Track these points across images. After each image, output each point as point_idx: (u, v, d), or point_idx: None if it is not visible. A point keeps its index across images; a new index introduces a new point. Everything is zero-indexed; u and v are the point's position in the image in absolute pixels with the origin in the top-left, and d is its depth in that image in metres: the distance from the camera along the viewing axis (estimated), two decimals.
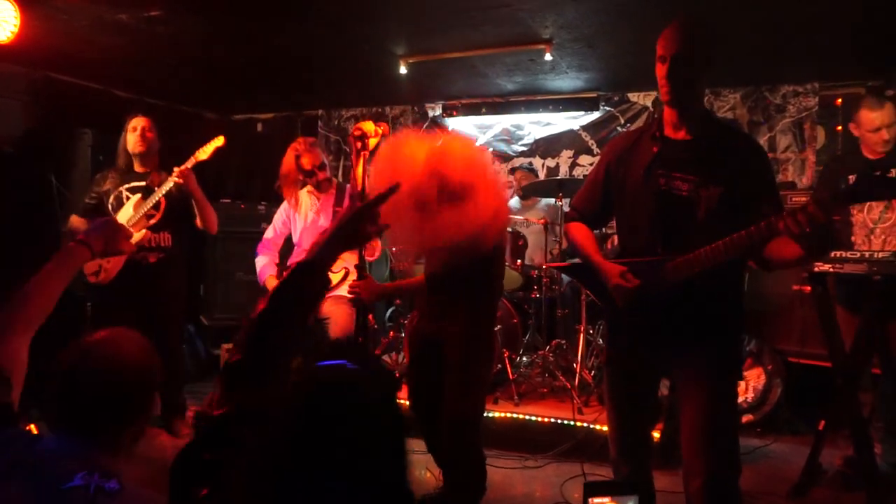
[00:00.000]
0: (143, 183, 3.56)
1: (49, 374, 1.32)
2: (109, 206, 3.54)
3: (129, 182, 3.57)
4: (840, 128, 3.19)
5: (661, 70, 1.97)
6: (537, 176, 5.62)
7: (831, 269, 2.81)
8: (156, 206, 3.49)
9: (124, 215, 3.47)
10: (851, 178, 3.13)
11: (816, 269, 2.85)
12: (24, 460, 1.21)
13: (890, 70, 4.65)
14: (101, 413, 1.31)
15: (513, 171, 5.65)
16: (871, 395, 3.18)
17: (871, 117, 3.06)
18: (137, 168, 3.60)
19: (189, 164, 3.44)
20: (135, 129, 3.55)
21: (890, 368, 3.13)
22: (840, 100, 3.12)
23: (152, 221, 3.50)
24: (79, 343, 1.35)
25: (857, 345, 2.96)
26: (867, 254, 2.77)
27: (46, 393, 1.32)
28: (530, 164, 5.83)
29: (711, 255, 1.89)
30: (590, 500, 1.28)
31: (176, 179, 3.40)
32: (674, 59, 1.92)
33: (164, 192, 3.45)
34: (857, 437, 2.91)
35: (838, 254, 2.78)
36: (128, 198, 3.54)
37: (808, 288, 3.90)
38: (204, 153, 3.50)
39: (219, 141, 3.54)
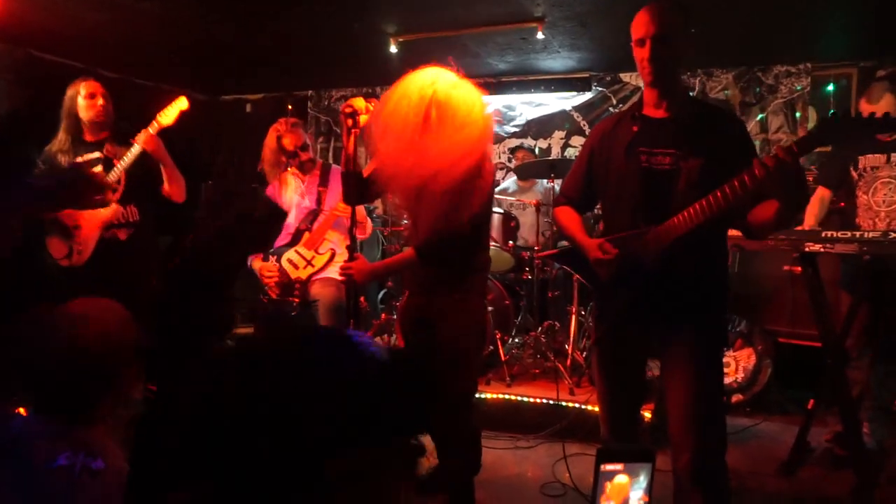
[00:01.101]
0: (98, 154, 3.29)
1: (17, 351, 1.28)
2: None
3: (82, 154, 3.29)
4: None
5: (640, 53, 1.99)
6: (536, 157, 5.60)
7: (822, 249, 2.81)
8: (117, 181, 3.24)
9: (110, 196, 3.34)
10: (861, 158, 3.13)
11: (807, 248, 2.84)
12: (2, 442, 1.18)
13: (882, 51, 4.64)
14: (70, 387, 1.26)
15: (514, 150, 5.62)
16: (862, 374, 3.21)
17: (870, 109, 3.07)
18: (88, 137, 3.32)
19: (152, 129, 3.20)
20: (93, 96, 3.28)
21: (882, 349, 3.15)
22: (864, 99, 3.09)
23: (116, 196, 3.26)
24: (40, 317, 1.30)
25: (846, 324, 2.97)
26: (858, 233, 2.77)
27: (18, 372, 1.28)
28: (532, 145, 5.80)
29: (692, 217, 1.90)
30: (602, 465, 1.26)
31: (143, 146, 3.17)
32: (654, 41, 1.95)
33: (130, 161, 3.18)
34: (845, 416, 2.93)
35: (830, 233, 2.77)
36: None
37: (799, 269, 3.92)
38: (167, 116, 3.26)
39: (181, 102, 3.31)
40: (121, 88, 3.77)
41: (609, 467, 1.26)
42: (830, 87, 4.97)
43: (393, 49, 4.57)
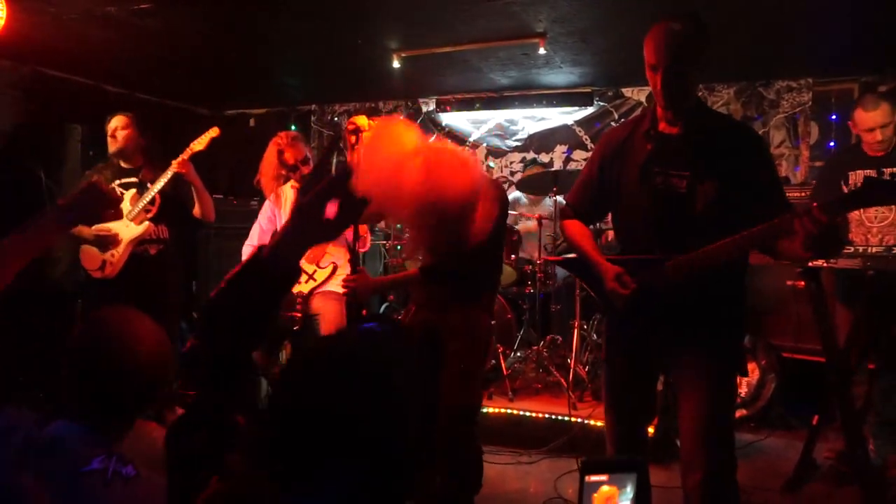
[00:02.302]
0: (134, 179, 3.62)
1: (62, 355, 1.32)
2: None
3: (120, 178, 3.61)
4: (853, 129, 3.19)
5: (653, 78, 1.92)
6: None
7: (825, 265, 2.81)
8: (151, 201, 3.56)
9: (123, 210, 3.51)
10: (851, 174, 3.13)
11: (810, 264, 2.84)
12: (34, 445, 1.20)
13: (883, 66, 4.66)
14: (110, 397, 1.30)
15: (526, 167, 5.64)
16: (863, 390, 3.19)
17: (865, 118, 3.08)
18: (123, 165, 3.65)
19: (186, 154, 3.52)
20: (113, 132, 3.60)
21: (885, 363, 3.14)
22: (860, 108, 3.12)
23: (150, 215, 3.57)
24: (93, 325, 1.34)
25: (850, 339, 2.96)
26: (861, 248, 2.77)
27: (59, 375, 1.31)
28: (550, 160, 5.82)
29: (712, 255, 1.87)
30: (587, 477, 1.25)
31: (177, 169, 3.48)
32: (666, 70, 1.88)
33: (160, 185, 3.51)
34: (849, 433, 2.91)
35: None
36: (122, 193, 3.56)
37: (802, 283, 3.91)
38: (200, 144, 3.58)
39: (214, 132, 3.62)
40: (126, 104, 3.85)
41: (594, 479, 1.25)
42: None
43: (396, 64, 4.60)
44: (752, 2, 3.47)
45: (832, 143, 4.95)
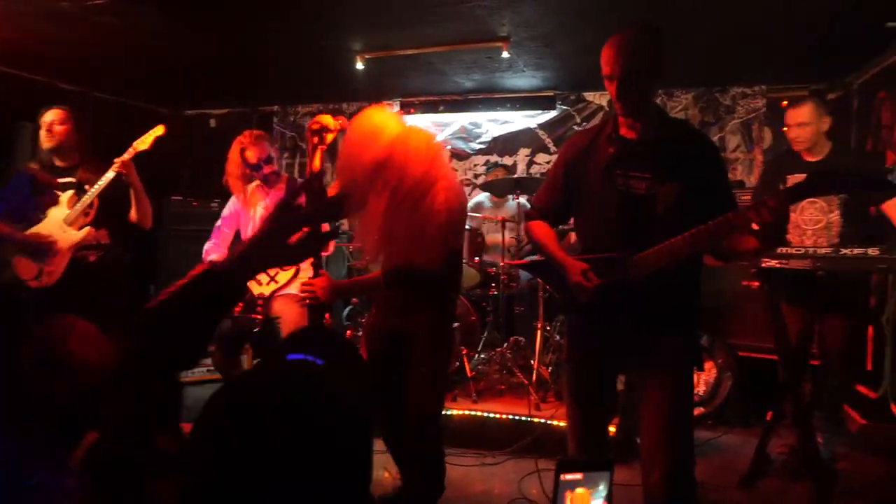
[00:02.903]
0: (71, 179, 3.38)
1: (6, 373, 1.29)
2: None
3: (55, 177, 3.37)
4: (785, 129, 3.38)
5: (610, 88, 2.00)
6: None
7: (777, 265, 2.90)
8: (90, 204, 3.33)
9: (59, 213, 3.31)
10: (790, 177, 3.25)
11: (764, 264, 2.93)
12: None
13: (832, 75, 4.84)
14: (62, 410, 1.29)
15: (489, 169, 5.65)
16: (809, 387, 3.30)
17: (789, 114, 3.30)
18: (58, 163, 3.40)
19: (128, 155, 3.29)
20: (49, 125, 3.35)
21: (829, 360, 3.25)
22: (786, 101, 3.33)
23: (88, 219, 3.34)
24: (36, 337, 1.31)
25: (801, 338, 3.06)
26: (811, 250, 2.87)
27: (2, 389, 1.29)
28: (513, 163, 5.85)
29: (673, 249, 1.93)
30: (561, 475, 1.26)
31: (118, 170, 3.25)
32: (621, 82, 1.95)
33: (102, 186, 3.27)
34: (801, 429, 3.00)
35: (784, 249, 2.88)
36: (58, 195, 3.34)
37: (756, 283, 4.03)
38: (143, 143, 3.35)
39: (159, 130, 3.40)
40: (82, 103, 3.72)
41: (569, 477, 1.27)
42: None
43: (359, 66, 4.58)
44: (710, 12, 3.57)
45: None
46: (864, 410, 3.82)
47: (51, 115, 3.36)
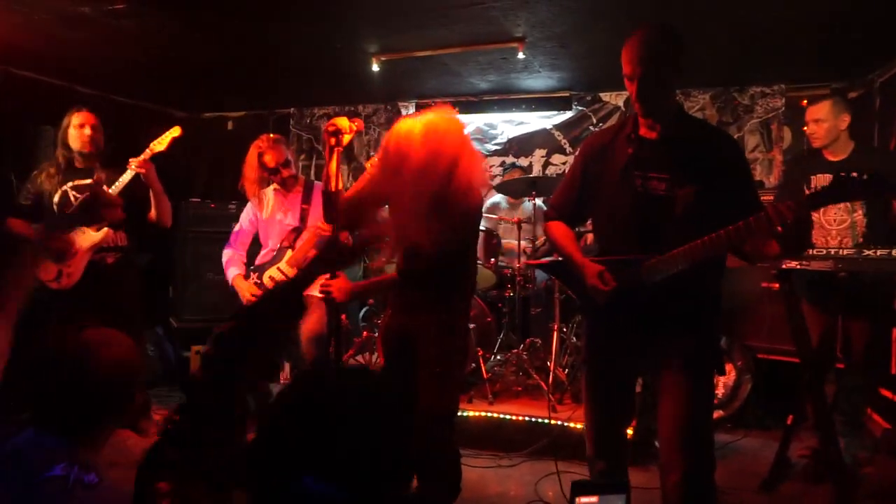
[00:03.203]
0: (87, 180, 3.39)
1: (29, 369, 1.35)
2: (55, 207, 3.34)
3: (73, 179, 3.38)
4: (805, 127, 3.38)
5: (630, 87, 1.98)
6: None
7: (798, 266, 2.86)
8: None
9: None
10: (813, 177, 3.21)
11: (784, 265, 2.89)
12: (2, 453, 1.23)
13: (852, 73, 4.76)
14: (83, 410, 1.33)
15: (506, 170, 5.65)
16: (832, 389, 3.25)
17: (809, 110, 3.31)
18: (79, 165, 3.42)
19: (146, 155, 3.31)
20: (82, 126, 3.37)
21: (852, 363, 3.20)
22: (805, 101, 3.33)
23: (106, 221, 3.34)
24: (61, 339, 1.37)
25: (823, 340, 3.02)
26: (833, 251, 2.82)
27: (28, 387, 1.34)
28: (529, 164, 5.84)
29: (689, 253, 1.91)
30: (577, 499, 1.25)
31: (137, 170, 3.27)
32: (641, 81, 1.93)
33: (120, 187, 3.29)
34: (822, 431, 2.96)
35: (806, 251, 2.83)
36: (76, 198, 3.36)
37: (777, 285, 3.98)
38: (160, 144, 3.37)
39: (175, 131, 3.42)
40: (100, 106, 3.75)
41: (584, 500, 1.26)
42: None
43: (375, 68, 4.59)
44: (728, 10, 3.53)
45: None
46: (888, 415, 3.75)
47: (84, 117, 3.39)
